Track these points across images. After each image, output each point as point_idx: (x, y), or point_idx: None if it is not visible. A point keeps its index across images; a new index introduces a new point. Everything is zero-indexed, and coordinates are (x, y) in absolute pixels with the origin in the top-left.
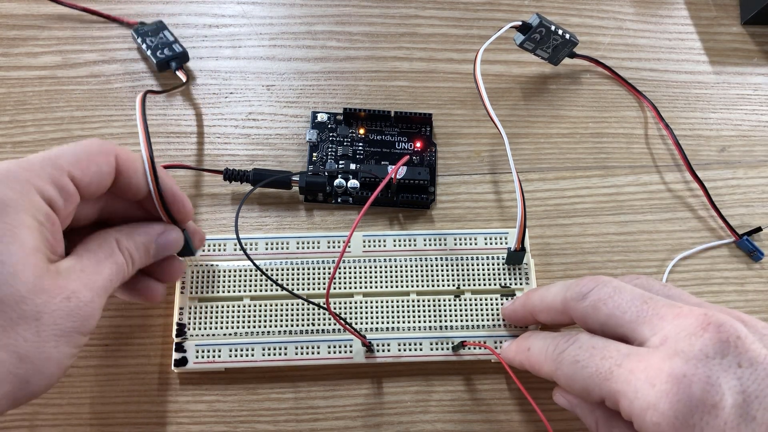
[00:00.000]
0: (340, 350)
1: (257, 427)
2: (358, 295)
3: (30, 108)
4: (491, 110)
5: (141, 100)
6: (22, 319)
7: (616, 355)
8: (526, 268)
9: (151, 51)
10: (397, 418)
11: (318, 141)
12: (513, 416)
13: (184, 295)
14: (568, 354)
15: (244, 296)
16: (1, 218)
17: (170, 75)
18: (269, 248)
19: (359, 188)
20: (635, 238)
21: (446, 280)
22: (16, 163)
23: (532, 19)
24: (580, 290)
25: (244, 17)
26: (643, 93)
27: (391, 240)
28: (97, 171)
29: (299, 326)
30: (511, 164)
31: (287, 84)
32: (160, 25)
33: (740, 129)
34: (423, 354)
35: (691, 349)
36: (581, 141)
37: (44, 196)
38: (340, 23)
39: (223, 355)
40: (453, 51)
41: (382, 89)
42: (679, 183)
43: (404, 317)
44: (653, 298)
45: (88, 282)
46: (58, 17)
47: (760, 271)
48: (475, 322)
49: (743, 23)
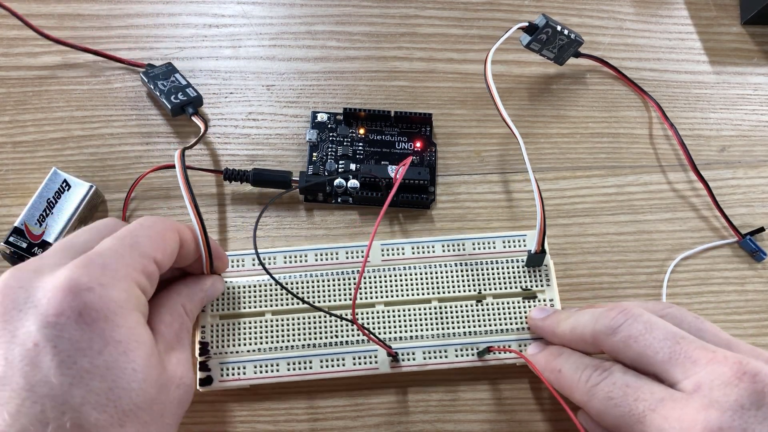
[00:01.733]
0: (365, 361)
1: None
2: (380, 305)
3: (30, 108)
4: (504, 112)
5: (182, 172)
6: (152, 419)
7: (650, 398)
8: (546, 270)
9: (164, 96)
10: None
11: (318, 141)
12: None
13: (205, 313)
14: (601, 389)
15: (265, 311)
16: (122, 322)
17: (184, 119)
18: (288, 261)
19: (359, 188)
20: (635, 238)
21: (467, 286)
22: (111, 257)
23: (539, 20)
24: (610, 324)
25: (244, 17)
26: (648, 92)
27: (409, 248)
28: (171, 251)
29: (323, 339)
30: (528, 166)
31: (287, 84)
32: (170, 67)
33: (740, 129)
34: (448, 361)
35: (727, 400)
36: (581, 141)
37: (141, 287)
38: (340, 23)
39: (248, 372)
40: (453, 51)
41: (382, 89)
42: (682, 183)
43: (427, 325)
44: (685, 338)
45: (182, 360)
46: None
47: (761, 271)
48: (499, 326)
49: (743, 23)
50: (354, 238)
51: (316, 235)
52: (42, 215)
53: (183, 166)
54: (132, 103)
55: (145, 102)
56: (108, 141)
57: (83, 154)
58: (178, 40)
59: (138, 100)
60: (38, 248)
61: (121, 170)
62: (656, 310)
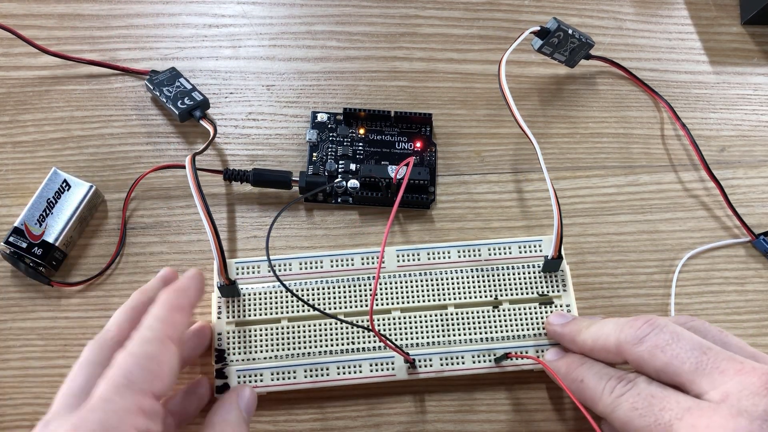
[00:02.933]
0: (382, 368)
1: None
2: (396, 311)
3: (30, 108)
4: (518, 115)
5: (194, 178)
6: None
7: (677, 407)
8: (562, 275)
9: (170, 101)
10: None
11: (318, 141)
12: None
13: (221, 320)
14: (626, 400)
15: (281, 318)
16: None
17: (192, 124)
18: (303, 268)
19: (359, 188)
20: (635, 238)
21: (483, 292)
22: (105, 409)
23: (550, 24)
24: (636, 334)
25: (244, 17)
26: (659, 93)
27: (425, 253)
28: (170, 373)
29: (339, 345)
30: (544, 170)
31: (287, 84)
32: (173, 72)
33: (740, 129)
34: (465, 367)
35: (756, 410)
36: (581, 141)
37: (142, 430)
38: (340, 23)
39: (265, 379)
40: (453, 51)
41: (382, 89)
42: (693, 182)
43: (444, 331)
44: (712, 348)
45: None
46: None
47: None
48: (516, 332)
49: (743, 23)
50: (354, 238)
51: (316, 234)
52: (42, 215)
53: (194, 172)
54: (132, 103)
55: (145, 102)
56: (108, 141)
57: (83, 154)
58: (178, 40)
59: (138, 100)
60: (38, 248)
61: (121, 170)
62: (680, 322)
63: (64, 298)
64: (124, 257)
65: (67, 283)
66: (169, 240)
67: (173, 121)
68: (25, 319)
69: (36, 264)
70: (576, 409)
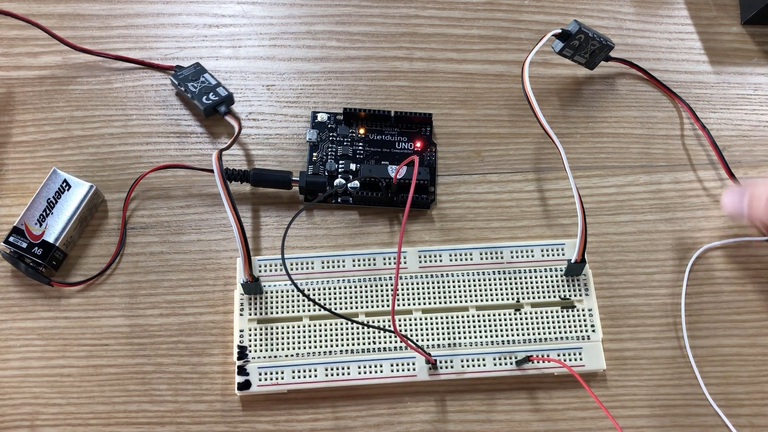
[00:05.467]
0: (404, 368)
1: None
2: (417, 312)
3: (30, 108)
4: (541, 116)
5: (221, 176)
6: None
7: None
8: (584, 279)
9: (196, 97)
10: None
11: (318, 141)
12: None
13: (243, 317)
14: None
15: (303, 316)
16: None
17: (216, 119)
18: (325, 267)
19: (359, 188)
20: (635, 237)
21: (505, 294)
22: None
23: (572, 27)
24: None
25: (244, 17)
26: (678, 94)
27: (446, 255)
28: None
29: (361, 345)
30: (569, 174)
31: (287, 84)
32: (198, 67)
33: (740, 129)
34: (486, 369)
35: None
36: (581, 141)
37: None
38: (340, 23)
39: (286, 377)
40: (453, 51)
41: (382, 89)
42: (712, 181)
43: (465, 333)
44: None
45: None
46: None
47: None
48: (537, 335)
49: (743, 23)
50: (354, 238)
51: (316, 234)
52: (42, 215)
53: (221, 169)
54: (132, 102)
55: (145, 102)
56: (108, 141)
57: (83, 154)
58: (178, 40)
59: (138, 99)
60: (38, 248)
61: (121, 170)
62: None
63: (64, 298)
64: (124, 257)
65: (67, 283)
66: (169, 240)
67: (172, 120)
68: (25, 319)
69: (36, 264)
70: (599, 411)
